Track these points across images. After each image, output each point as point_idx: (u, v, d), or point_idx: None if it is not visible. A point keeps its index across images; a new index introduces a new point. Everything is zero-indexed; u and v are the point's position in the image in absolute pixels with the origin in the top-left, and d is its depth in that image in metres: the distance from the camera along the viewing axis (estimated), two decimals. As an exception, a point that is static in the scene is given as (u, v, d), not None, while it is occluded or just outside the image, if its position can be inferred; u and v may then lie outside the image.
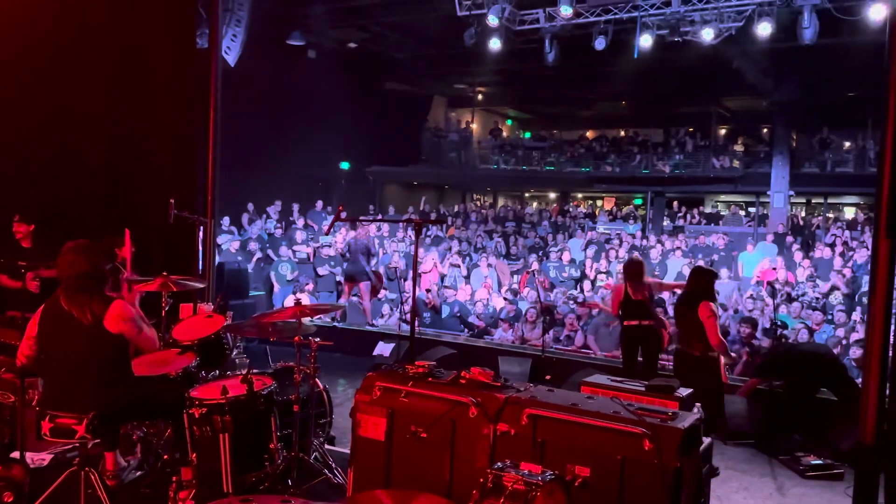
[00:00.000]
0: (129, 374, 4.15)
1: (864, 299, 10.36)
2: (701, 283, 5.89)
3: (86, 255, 3.98)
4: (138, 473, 4.70)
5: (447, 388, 3.86)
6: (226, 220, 12.56)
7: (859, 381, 5.40)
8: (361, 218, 13.71)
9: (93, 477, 3.98)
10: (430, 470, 3.75)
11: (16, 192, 6.53)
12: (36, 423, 4.01)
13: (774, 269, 11.34)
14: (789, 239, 14.23)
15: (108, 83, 6.84)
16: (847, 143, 18.45)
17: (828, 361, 6.75)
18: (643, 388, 4.92)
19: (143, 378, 4.44)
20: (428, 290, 10.83)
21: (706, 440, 3.83)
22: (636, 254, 12.86)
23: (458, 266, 12.99)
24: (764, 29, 10.46)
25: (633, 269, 6.91)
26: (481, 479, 2.89)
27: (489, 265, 12.66)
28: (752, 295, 10.49)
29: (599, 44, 11.56)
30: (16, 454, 4.52)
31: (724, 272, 11.67)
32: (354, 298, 10.75)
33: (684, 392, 4.89)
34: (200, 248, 6.96)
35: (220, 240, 11.28)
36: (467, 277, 12.67)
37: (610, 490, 3.29)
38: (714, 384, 5.91)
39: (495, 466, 2.94)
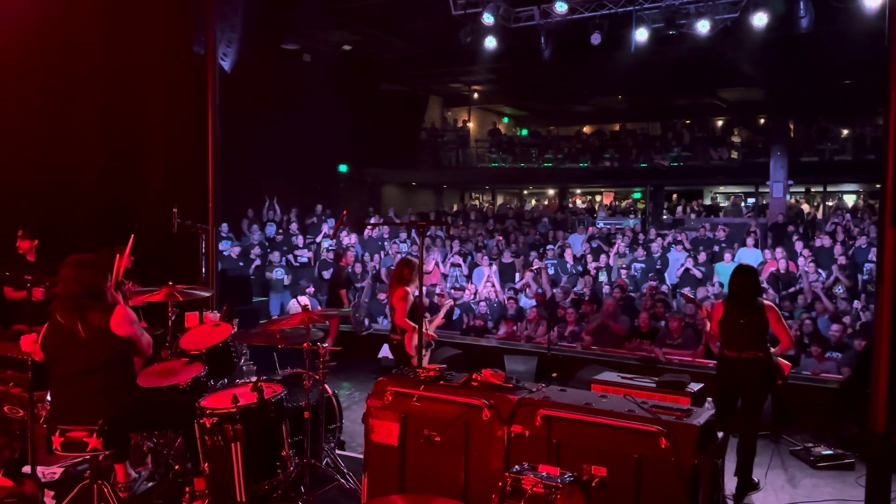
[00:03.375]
0: (134, 380, 4.17)
1: (870, 287, 10.36)
2: (748, 281, 5.18)
3: (91, 269, 3.99)
4: (150, 484, 4.71)
5: (459, 391, 3.85)
6: (224, 227, 12.54)
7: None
8: (369, 221, 13.61)
9: (105, 489, 3.99)
10: (444, 474, 3.75)
11: (16, 208, 6.52)
12: (46, 438, 4.00)
13: (775, 261, 11.27)
14: (790, 228, 14.20)
15: (104, 93, 6.81)
16: (845, 132, 18.40)
17: None
18: (654, 385, 4.94)
19: (152, 388, 4.45)
20: (441, 295, 10.73)
21: (720, 434, 3.82)
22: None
23: (460, 265, 12.97)
24: (759, 19, 10.41)
25: (396, 272, 6.13)
26: (500, 483, 2.89)
27: (491, 263, 12.63)
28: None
29: (595, 39, 11.51)
30: (27, 469, 4.51)
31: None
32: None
33: (695, 387, 4.90)
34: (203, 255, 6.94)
35: (220, 246, 11.26)
36: (468, 276, 12.65)
37: (627, 489, 3.29)
38: (770, 388, 5.26)
39: (514, 469, 2.94)
